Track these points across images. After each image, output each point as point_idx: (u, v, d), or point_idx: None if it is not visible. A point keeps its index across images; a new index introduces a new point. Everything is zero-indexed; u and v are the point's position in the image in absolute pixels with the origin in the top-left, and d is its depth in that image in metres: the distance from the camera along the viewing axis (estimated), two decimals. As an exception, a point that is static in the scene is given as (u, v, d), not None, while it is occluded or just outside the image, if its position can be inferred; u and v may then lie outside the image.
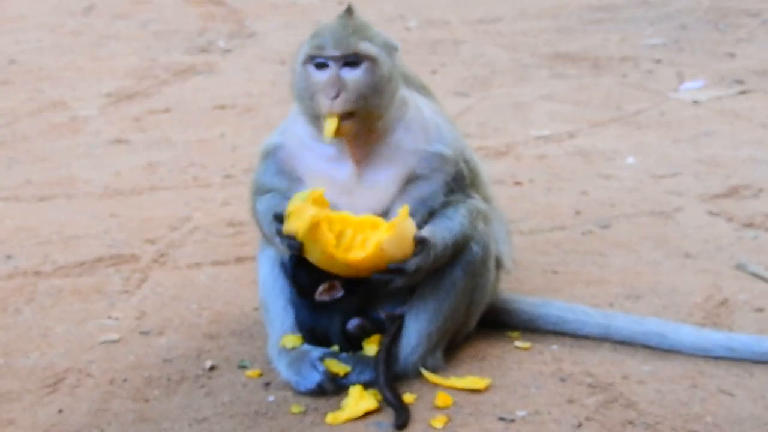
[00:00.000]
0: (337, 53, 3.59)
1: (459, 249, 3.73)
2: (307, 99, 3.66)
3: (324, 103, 3.56)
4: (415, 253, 3.54)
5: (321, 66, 3.62)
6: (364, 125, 3.63)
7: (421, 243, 3.54)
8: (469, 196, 3.79)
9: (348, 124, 3.58)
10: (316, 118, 3.64)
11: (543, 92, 8.47)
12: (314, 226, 3.45)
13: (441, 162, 3.73)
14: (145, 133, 7.49)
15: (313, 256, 3.52)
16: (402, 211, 3.54)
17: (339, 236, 3.49)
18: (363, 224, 3.52)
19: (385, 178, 3.69)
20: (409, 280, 3.59)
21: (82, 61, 10.10)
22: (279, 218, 3.54)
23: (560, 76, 9.10)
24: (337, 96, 3.55)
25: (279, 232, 3.55)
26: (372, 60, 3.60)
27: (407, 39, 10.84)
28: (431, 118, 3.81)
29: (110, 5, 13.23)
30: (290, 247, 3.53)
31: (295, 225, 3.47)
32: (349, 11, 3.66)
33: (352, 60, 3.59)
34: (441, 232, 3.64)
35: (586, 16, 11.89)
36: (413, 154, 3.71)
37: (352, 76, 3.59)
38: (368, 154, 3.71)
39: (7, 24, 12.18)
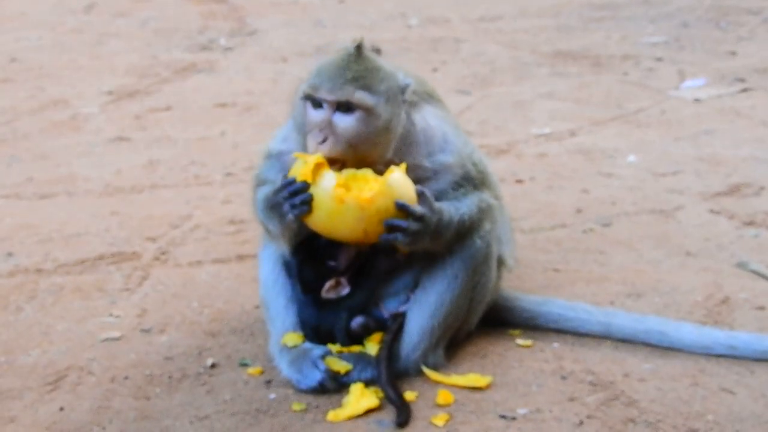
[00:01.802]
0: (330, 98, 3.54)
1: (465, 230, 3.73)
2: (301, 133, 3.66)
3: (311, 144, 3.55)
4: (419, 203, 3.54)
5: (317, 105, 3.58)
6: (356, 165, 3.59)
7: (421, 196, 3.55)
8: (479, 191, 3.80)
9: (336, 167, 3.55)
10: (308, 149, 3.62)
11: (544, 90, 8.47)
12: (320, 167, 3.48)
13: (445, 167, 3.74)
14: (146, 131, 7.50)
15: (323, 209, 3.48)
16: (400, 166, 3.56)
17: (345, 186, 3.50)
18: (365, 178, 3.53)
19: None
20: (417, 230, 3.53)
21: (82, 59, 10.10)
22: (287, 183, 3.52)
23: (561, 74, 9.09)
24: (324, 141, 3.52)
25: (290, 192, 3.51)
26: (367, 110, 3.55)
27: (408, 37, 10.84)
28: (438, 127, 3.80)
29: (111, 3, 13.23)
30: (301, 197, 3.48)
31: (302, 169, 3.48)
32: (359, 50, 3.57)
33: (345, 106, 3.54)
34: (447, 205, 3.66)
35: (586, 14, 11.89)
36: (415, 167, 3.70)
37: (344, 122, 3.54)
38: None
39: (8, 22, 12.18)
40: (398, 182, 3.51)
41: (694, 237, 5.17)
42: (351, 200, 3.45)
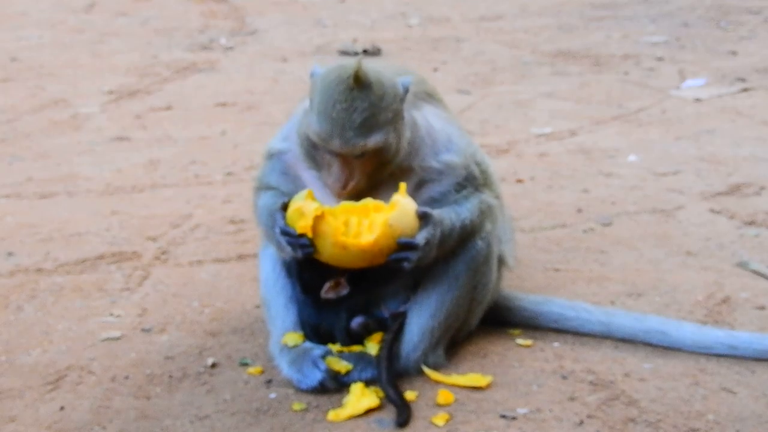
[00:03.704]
0: (342, 151, 3.48)
1: (467, 235, 3.73)
2: (312, 161, 3.62)
3: (332, 187, 3.54)
4: (421, 228, 3.54)
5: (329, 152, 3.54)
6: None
7: (424, 217, 3.55)
8: (480, 192, 3.79)
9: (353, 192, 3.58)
10: (318, 172, 3.62)
11: (544, 90, 8.47)
12: (319, 219, 3.47)
13: (449, 168, 3.73)
14: (147, 131, 7.50)
15: (325, 253, 3.52)
16: (400, 188, 3.56)
17: (345, 225, 3.49)
18: (366, 209, 3.53)
19: (392, 190, 3.65)
20: (421, 256, 3.55)
21: (83, 59, 10.10)
22: (286, 233, 3.54)
23: (562, 73, 9.09)
24: (345, 187, 3.52)
25: (291, 243, 3.54)
26: (379, 149, 3.52)
27: (408, 36, 10.84)
28: (441, 128, 3.79)
29: (111, 2, 13.24)
30: (303, 249, 3.51)
31: (301, 223, 3.48)
32: (357, 80, 3.45)
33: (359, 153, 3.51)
34: (447, 213, 3.66)
35: (587, 14, 11.89)
36: (421, 169, 3.71)
37: (361, 163, 3.52)
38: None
39: (9, 21, 12.19)
40: (400, 217, 3.50)
41: (695, 236, 5.17)
42: (353, 246, 3.47)
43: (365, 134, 3.46)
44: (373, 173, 3.57)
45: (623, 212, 5.55)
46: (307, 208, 3.50)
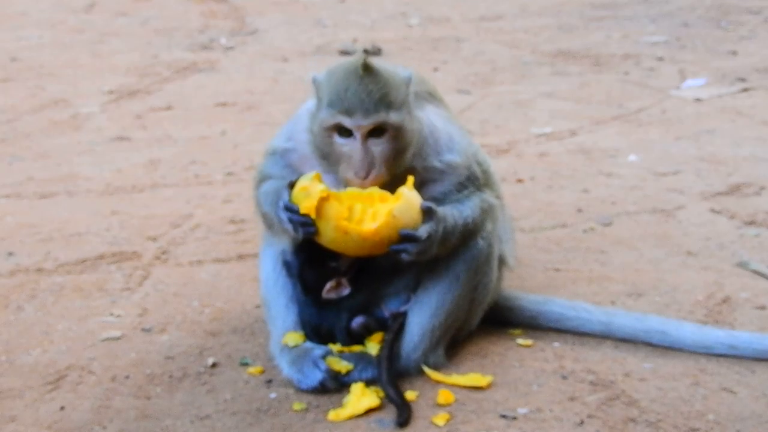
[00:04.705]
0: (363, 124, 3.50)
1: (469, 234, 3.73)
2: (329, 160, 3.62)
3: (353, 179, 3.53)
4: (424, 222, 3.54)
5: (345, 133, 3.54)
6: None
7: (427, 212, 3.55)
8: (481, 192, 3.80)
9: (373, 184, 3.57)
10: (335, 171, 3.62)
11: (544, 90, 8.47)
12: (323, 201, 3.47)
13: (451, 168, 3.74)
14: (147, 131, 7.50)
15: (327, 236, 3.51)
16: (407, 181, 3.57)
17: (349, 211, 3.49)
18: (371, 197, 3.52)
19: (396, 188, 3.65)
20: (422, 249, 3.54)
21: (83, 59, 10.11)
22: (289, 209, 3.54)
23: (562, 73, 9.10)
24: (367, 174, 3.52)
25: (292, 220, 3.53)
26: (397, 128, 3.54)
27: (409, 36, 10.84)
28: (443, 128, 3.80)
29: (111, 2, 13.24)
30: (304, 228, 3.50)
31: (305, 203, 3.48)
32: (367, 68, 3.52)
33: (378, 131, 3.52)
34: (450, 210, 3.66)
35: (587, 14, 11.89)
36: (423, 169, 3.71)
37: (379, 147, 3.53)
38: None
39: (9, 21, 12.19)
40: (404, 208, 3.49)
41: (695, 236, 5.17)
42: (354, 233, 3.46)
43: (385, 108, 3.49)
44: (392, 162, 3.56)
45: (623, 212, 5.55)
46: (313, 188, 3.50)
